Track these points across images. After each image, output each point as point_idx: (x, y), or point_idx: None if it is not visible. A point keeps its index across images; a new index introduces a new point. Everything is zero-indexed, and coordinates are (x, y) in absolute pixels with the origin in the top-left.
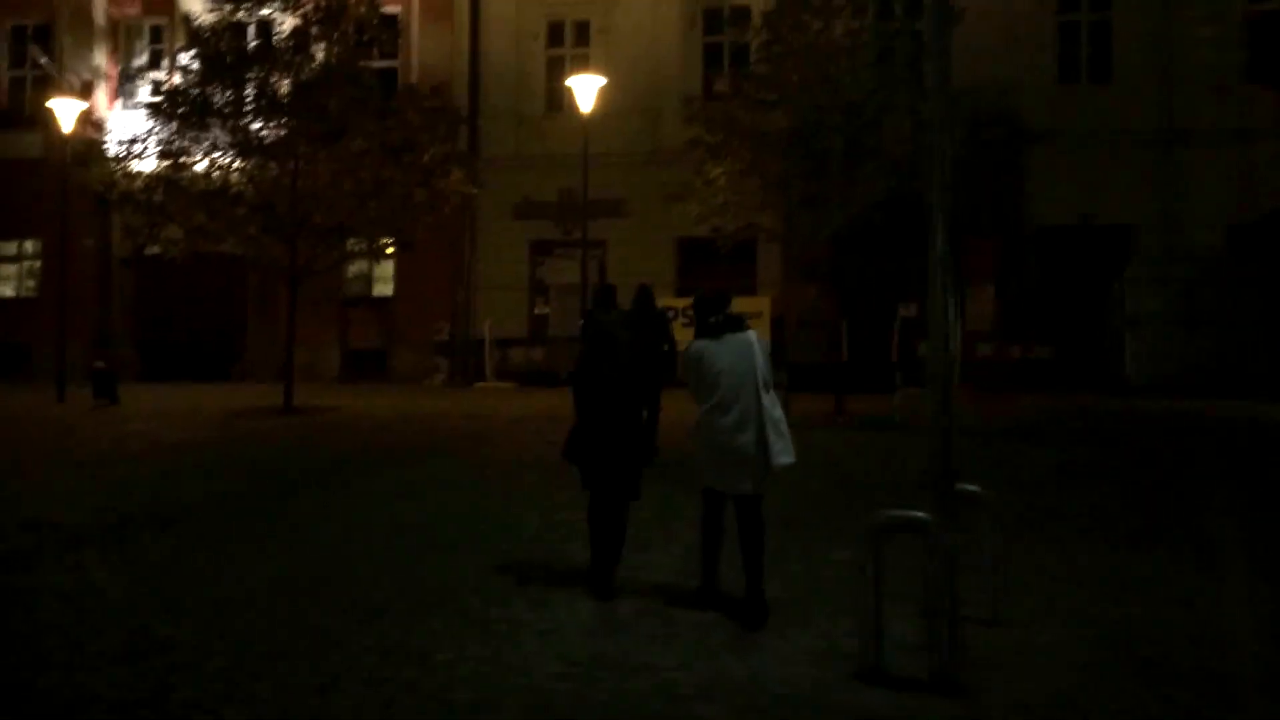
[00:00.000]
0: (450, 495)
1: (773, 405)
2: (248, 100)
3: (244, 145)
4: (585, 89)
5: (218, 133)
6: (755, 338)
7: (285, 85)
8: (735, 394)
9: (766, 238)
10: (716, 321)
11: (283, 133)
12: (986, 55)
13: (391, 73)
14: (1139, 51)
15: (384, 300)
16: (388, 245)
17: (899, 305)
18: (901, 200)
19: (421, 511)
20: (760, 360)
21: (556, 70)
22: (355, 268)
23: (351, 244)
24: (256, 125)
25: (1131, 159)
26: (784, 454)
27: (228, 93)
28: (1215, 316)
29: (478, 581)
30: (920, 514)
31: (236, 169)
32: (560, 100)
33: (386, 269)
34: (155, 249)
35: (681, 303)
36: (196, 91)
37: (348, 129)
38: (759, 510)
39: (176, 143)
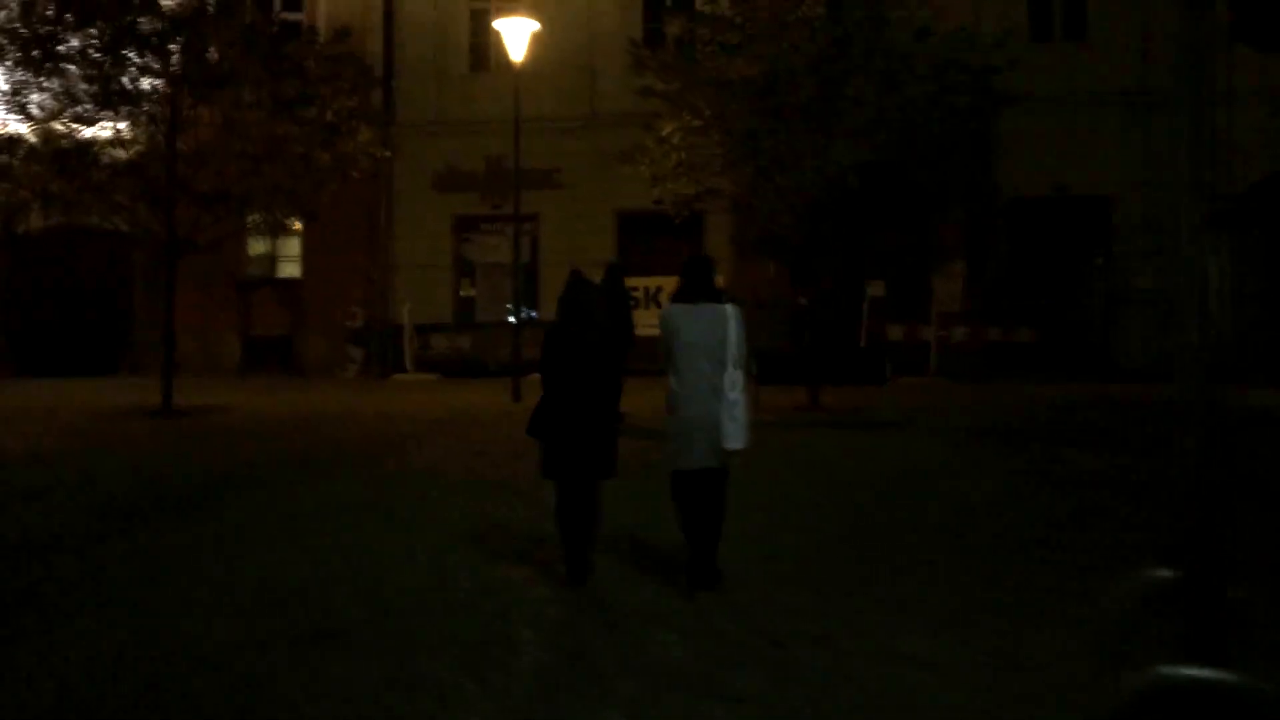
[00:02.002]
0: (345, 535)
1: (732, 385)
2: (105, 39)
3: (103, 95)
4: (516, 35)
5: (74, 81)
6: (733, 312)
7: (151, 23)
8: (703, 364)
9: (725, 205)
10: (695, 290)
11: (152, 80)
12: (951, 9)
13: (295, 27)
14: (1116, 6)
15: (290, 282)
16: (288, 218)
17: (866, 284)
18: (876, 164)
19: (299, 564)
20: (733, 335)
21: (481, 24)
22: (257, 246)
23: (250, 218)
24: (117, 71)
25: (1109, 124)
26: (734, 439)
27: (82, 30)
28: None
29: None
30: (1217, 674)
31: (100, 124)
32: (485, 58)
33: (292, 247)
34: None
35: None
36: (46, 29)
37: (232, 77)
38: (722, 487)
39: (22, 93)
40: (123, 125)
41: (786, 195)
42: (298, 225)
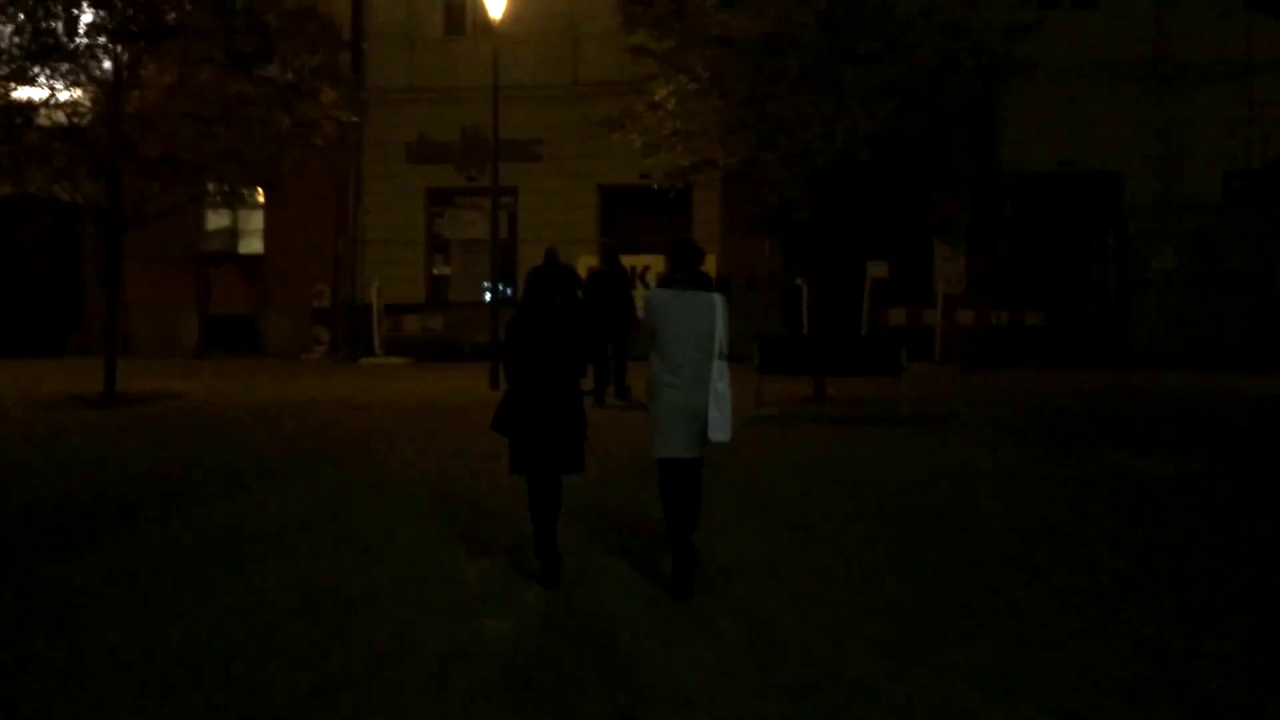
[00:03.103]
0: (290, 568)
1: (719, 376)
2: None
3: (34, 47)
4: None
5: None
6: (720, 301)
7: None
8: (687, 352)
9: (716, 179)
10: (682, 276)
11: (88, 32)
12: None
13: None
14: None
15: (253, 258)
16: (245, 187)
17: (867, 264)
18: (882, 134)
19: (225, 616)
20: (720, 324)
21: None
22: (217, 219)
23: (207, 187)
24: (47, 21)
25: (1118, 96)
26: (720, 430)
27: None
28: (1235, 276)
29: None
30: None
31: (36, 84)
32: (461, 20)
33: (255, 221)
34: None
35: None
36: None
37: (180, 28)
38: (697, 475)
39: None
40: (59, 84)
41: (791, 165)
42: (260, 197)
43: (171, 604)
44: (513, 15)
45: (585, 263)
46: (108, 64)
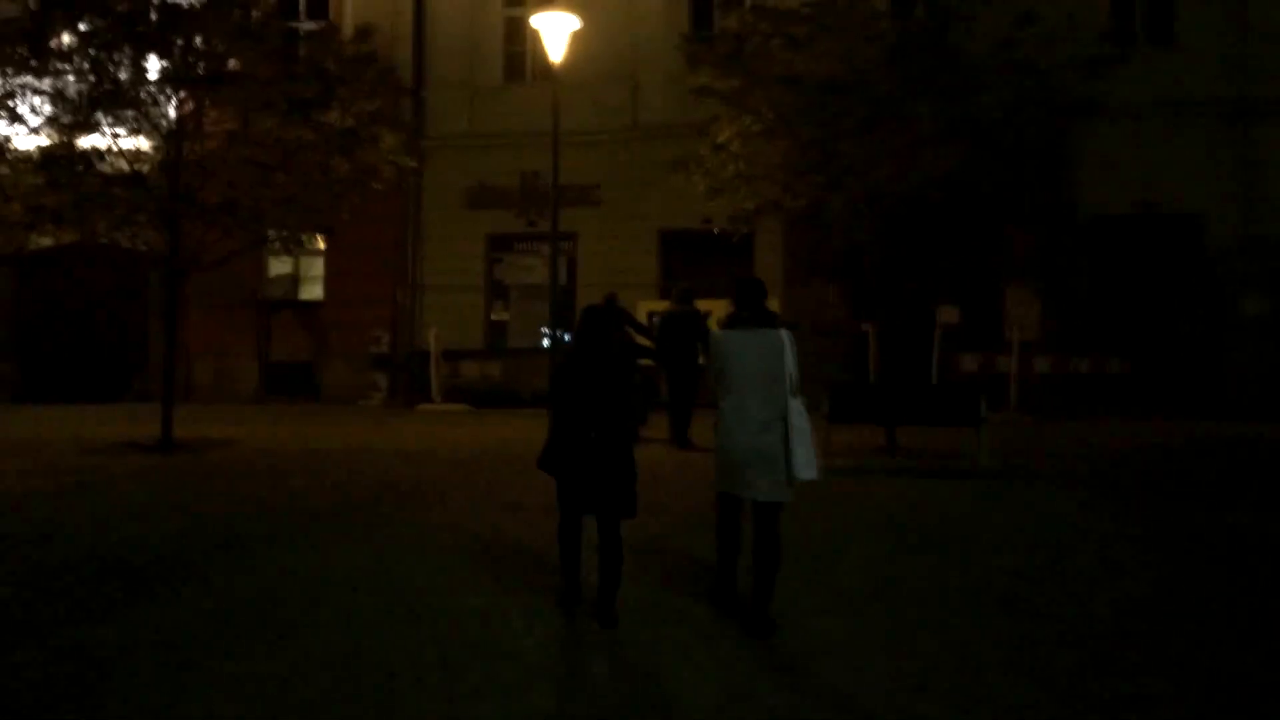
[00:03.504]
0: (324, 637)
1: (799, 413)
2: (93, 33)
3: (97, 94)
4: (555, 33)
5: (62, 80)
6: (788, 337)
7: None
8: (757, 391)
9: (779, 223)
10: (748, 315)
11: (150, 80)
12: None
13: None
14: (1207, 8)
15: (312, 304)
16: (304, 233)
17: (937, 309)
18: (953, 176)
19: (273, 683)
20: (790, 361)
21: (516, 34)
22: (277, 265)
23: (267, 233)
24: (111, 68)
25: (1198, 136)
26: (807, 467)
27: (71, 26)
28: None
29: None
30: None
31: (97, 132)
32: (521, 68)
33: (315, 267)
34: (44, 240)
35: (663, 305)
36: (27, 24)
37: (239, 75)
38: (777, 519)
39: (14, 96)
40: (122, 130)
41: (859, 207)
42: (321, 243)
43: (203, 674)
44: (572, 60)
45: (645, 308)
46: (171, 110)
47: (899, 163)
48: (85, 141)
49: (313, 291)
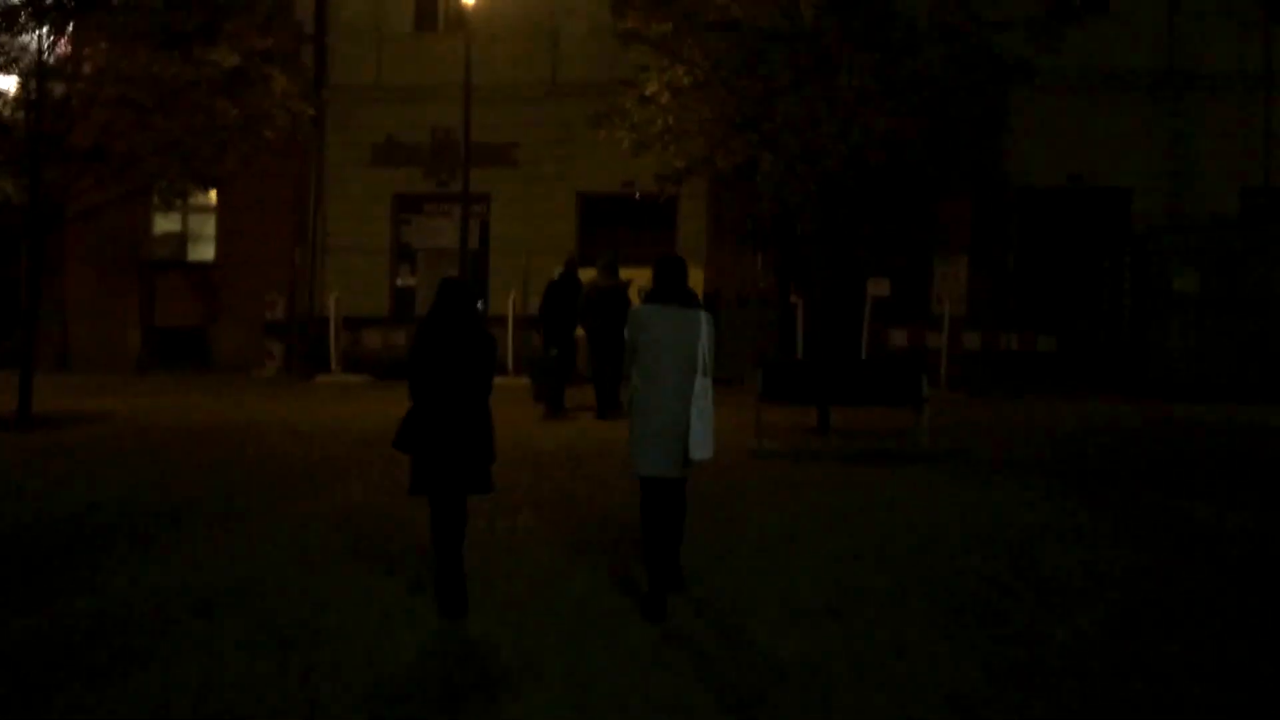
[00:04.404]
0: (190, 665)
1: (704, 394)
2: None
3: None
4: None
5: None
6: (705, 318)
7: None
8: (668, 370)
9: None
10: (668, 290)
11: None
12: None
13: None
14: None
15: (203, 266)
16: (185, 184)
17: (868, 281)
18: (895, 137)
19: None
20: (704, 341)
21: None
22: (164, 223)
23: (158, 184)
24: None
25: (1129, 109)
26: (702, 448)
27: None
28: (1259, 299)
29: None
30: None
31: None
32: (434, 14)
33: (207, 225)
34: None
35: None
36: None
37: (107, 2)
38: (682, 494)
39: None
40: None
41: (796, 168)
42: (213, 199)
43: None
44: (488, 9)
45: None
46: (31, 41)
47: (840, 120)
48: None
49: (203, 252)
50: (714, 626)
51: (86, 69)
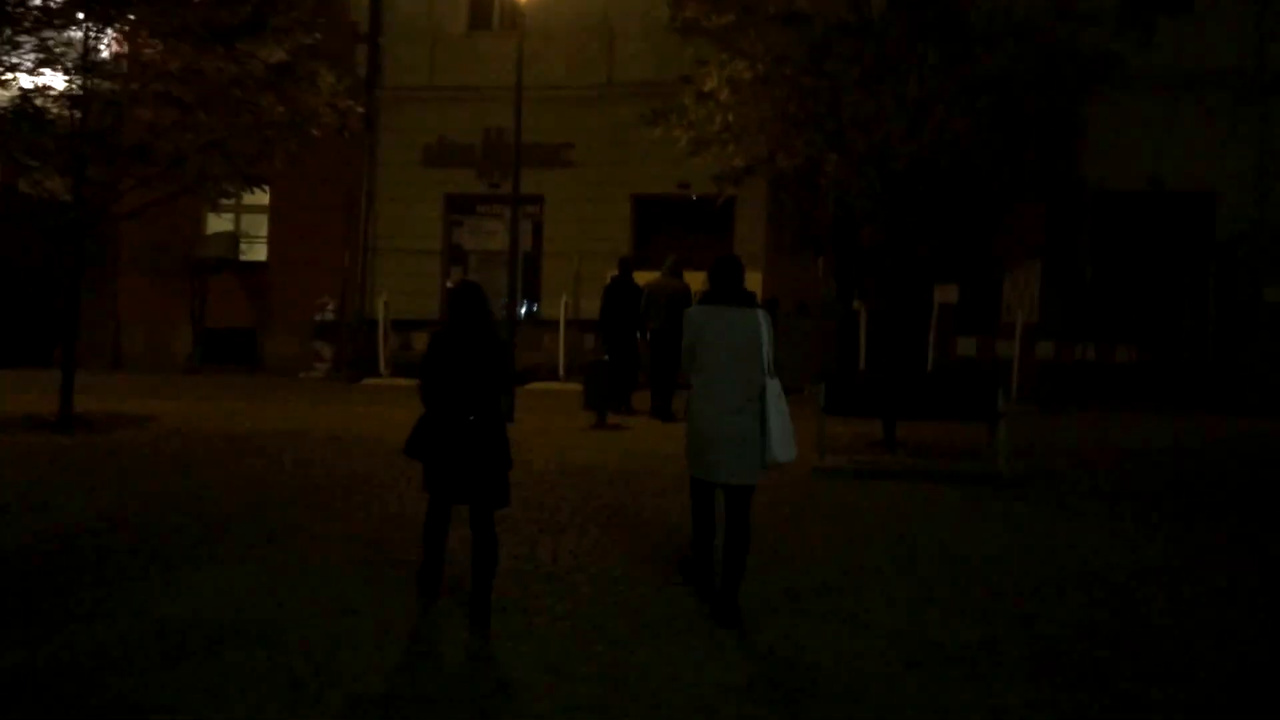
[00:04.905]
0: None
1: (778, 394)
2: None
3: None
4: None
5: None
6: (763, 316)
7: None
8: (729, 372)
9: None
10: (724, 292)
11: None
12: None
13: None
14: None
15: (254, 266)
16: (229, 184)
17: (934, 288)
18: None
19: None
20: (765, 342)
21: None
22: (216, 223)
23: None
24: None
25: (1214, 109)
26: (784, 449)
27: None
28: None
29: None
30: None
31: None
32: (488, 14)
33: (258, 226)
34: None
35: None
36: None
37: None
38: (747, 504)
39: None
40: (20, 59)
41: (866, 169)
42: (266, 199)
43: None
44: (543, 8)
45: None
46: (75, 33)
47: (909, 119)
48: None
49: (256, 252)
50: (776, 687)
51: (128, 66)
